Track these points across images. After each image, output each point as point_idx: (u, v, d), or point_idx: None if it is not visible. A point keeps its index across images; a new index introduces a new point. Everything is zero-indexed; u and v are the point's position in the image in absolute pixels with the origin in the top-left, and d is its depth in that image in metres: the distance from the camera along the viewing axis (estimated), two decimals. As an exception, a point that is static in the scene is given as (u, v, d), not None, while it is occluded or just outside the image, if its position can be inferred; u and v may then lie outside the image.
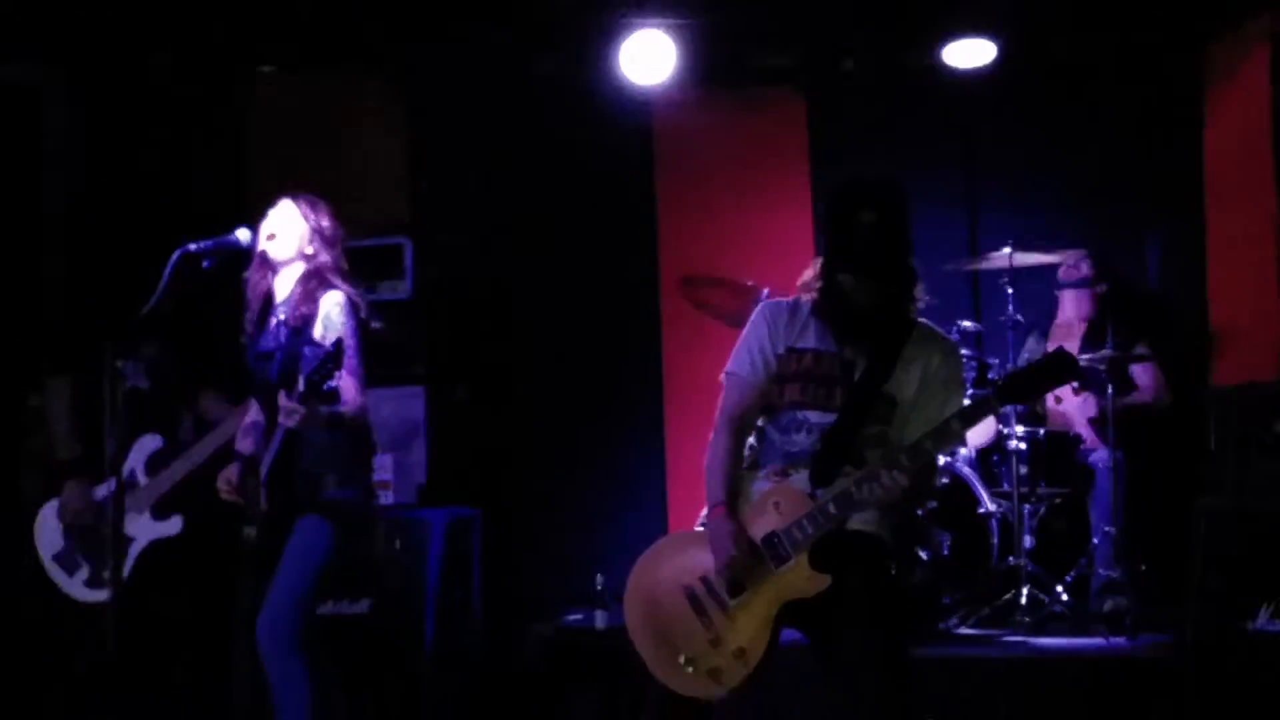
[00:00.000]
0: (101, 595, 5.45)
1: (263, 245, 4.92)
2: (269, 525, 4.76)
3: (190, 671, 5.88)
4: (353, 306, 4.86)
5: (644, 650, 4.00)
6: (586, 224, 7.87)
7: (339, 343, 4.55)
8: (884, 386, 4.02)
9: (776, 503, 3.95)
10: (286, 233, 4.92)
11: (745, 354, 4.15)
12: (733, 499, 4.02)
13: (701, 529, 4.09)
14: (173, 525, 5.38)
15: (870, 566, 3.99)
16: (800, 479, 3.97)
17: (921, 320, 4.16)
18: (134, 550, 5.46)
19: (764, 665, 3.87)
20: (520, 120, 7.80)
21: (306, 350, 4.71)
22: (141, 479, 5.47)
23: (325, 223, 4.97)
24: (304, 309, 4.83)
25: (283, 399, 4.51)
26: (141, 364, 5.74)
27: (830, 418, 4.00)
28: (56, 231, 7.16)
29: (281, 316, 4.88)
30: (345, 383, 4.72)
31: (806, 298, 4.19)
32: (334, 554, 4.75)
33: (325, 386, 4.47)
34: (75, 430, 5.72)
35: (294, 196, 5.00)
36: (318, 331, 4.77)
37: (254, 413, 4.98)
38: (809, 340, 4.10)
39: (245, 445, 4.95)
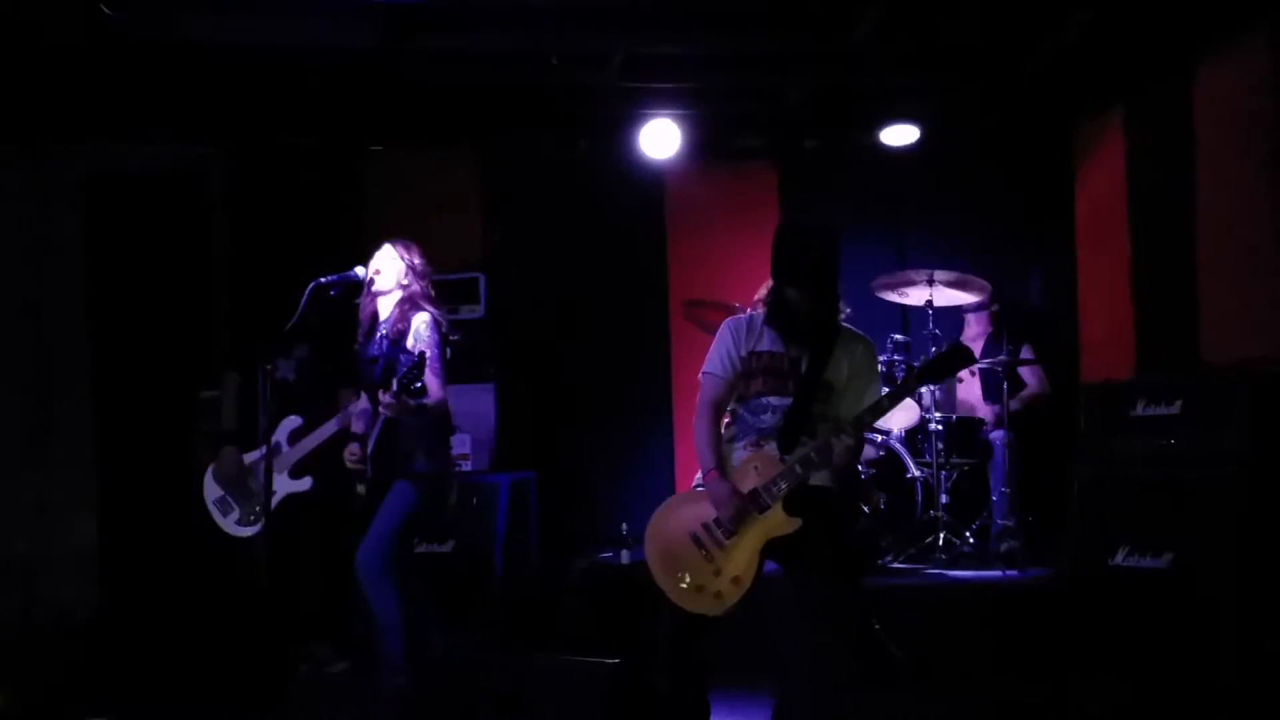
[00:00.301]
0: (249, 531, 5.47)
1: (371, 277, 4.92)
2: (373, 487, 4.79)
3: (316, 595, 5.85)
4: (436, 324, 4.86)
5: (662, 582, 4.04)
6: (614, 262, 7.86)
7: (422, 355, 4.58)
8: (824, 375, 4.07)
9: (756, 466, 4.01)
10: (388, 269, 4.93)
11: (717, 357, 4.21)
12: (721, 465, 4.05)
13: (700, 489, 4.12)
14: (304, 484, 5.35)
15: (828, 511, 4.04)
16: (771, 448, 4.03)
17: (845, 325, 4.27)
18: (275, 500, 5.44)
19: (753, 588, 3.94)
20: (566, 186, 7.80)
21: (402, 357, 4.72)
22: (284, 448, 5.46)
23: (417, 261, 4.98)
24: (400, 325, 4.84)
25: (382, 396, 4.56)
26: (291, 362, 5.75)
27: (787, 401, 4.06)
28: (224, 270, 7.18)
29: (383, 331, 4.89)
30: (430, 382, 4.71)
31: (760, 311, 4.25)
32: (418, 509, 4.76)
33: (412, 387, 4.49)
34: (237, 411, 5.72)
35: (393, 241, 5.00)
36: (410, 343, 4.78)
37: (363, 403, 4.98)
38: (764, 345, 4.15)
39: (358, 427, 4.96)
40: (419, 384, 4.53)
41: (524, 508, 6.55)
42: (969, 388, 7.14)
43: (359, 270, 4.90)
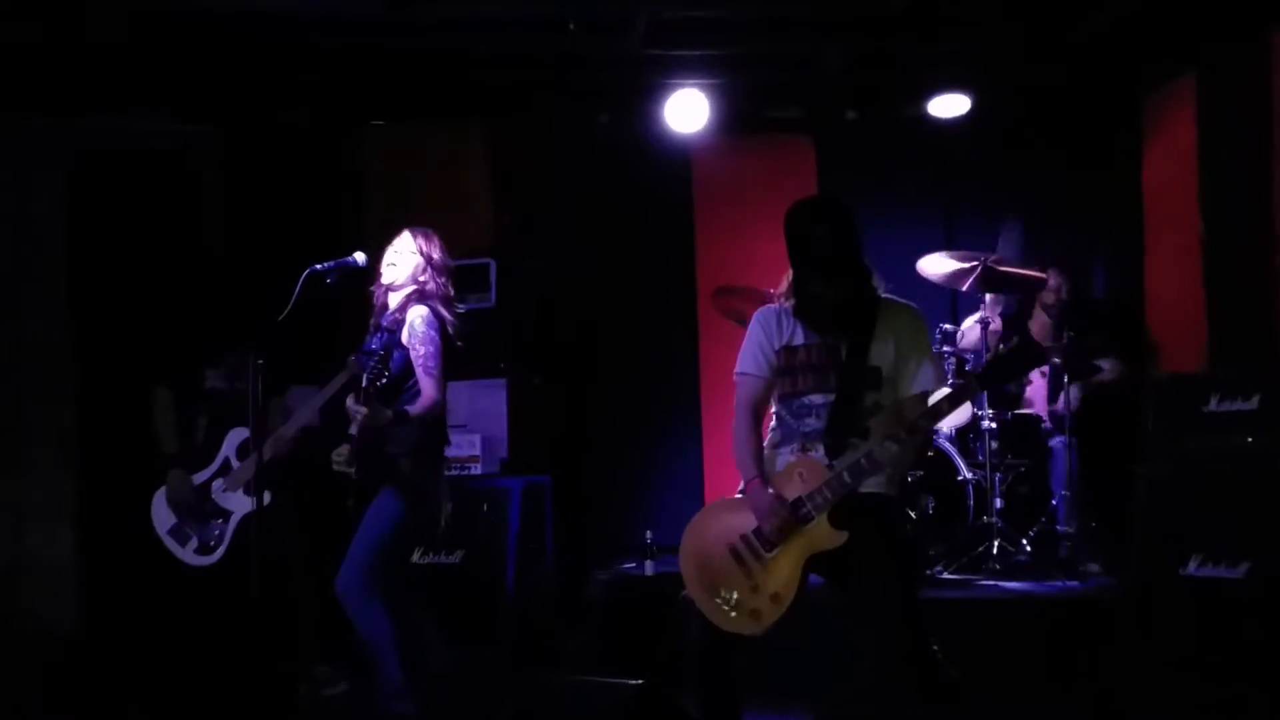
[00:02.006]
0: (211, 559, 5.44)
1: (384, 269, 4.88)
2: (359, 494, 4.75)
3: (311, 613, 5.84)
4: (436, 320, 4.79)
5: (697, 597, 4.01)
6: (638, 246, 7.87)
7: (388, 350, 4.53)
8: (868, 361, 4.00)
9: (800, 473, 3.97)
10: (404, 263, 4.88)
11: (750, 356, 4.16)
12: (763, 472, 4.02)
13: (740, 497, 4.09)
14: (264, 499, 5.29)
15: (882, 521, 3.97)
16: (818, 453, 3.99)
17: (884, 296, 4.16)
18: (233, 521, 5.43)
19: (794, 606, 3.90)
20: (584, 164, 7.79)
21: (397, 353, 4.69)
22: (234, 463, 5.45)
23: (436, 255, 4.92)
24: (397, 315, 4.81)
25: (349, 403, 4.51)
26: (221, 369, 5.72)
27: (831, 397, 4.00)
28: (213, 257, 7.19)
29: (385, 323, 4.87)
30: (423, 383, 4.68)
31: (787, 304, 4.17)
32: (404, 521, 4.71)
33: (379, 383, 4.44)
34: (175, 429, 5.69)
35: (413, 230, 4.95)
36: (404, 337, 4.75)
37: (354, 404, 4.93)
38: (799, 338, 4.10)
39: (353, 428, 4.92)
40: (384, 380, 4.48)
41: (539, 514, 6.54)
42: (1032, 376, 7.10)
43: (358, 256, 4.88)
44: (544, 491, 6.64)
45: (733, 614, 3.93)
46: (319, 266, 4.74)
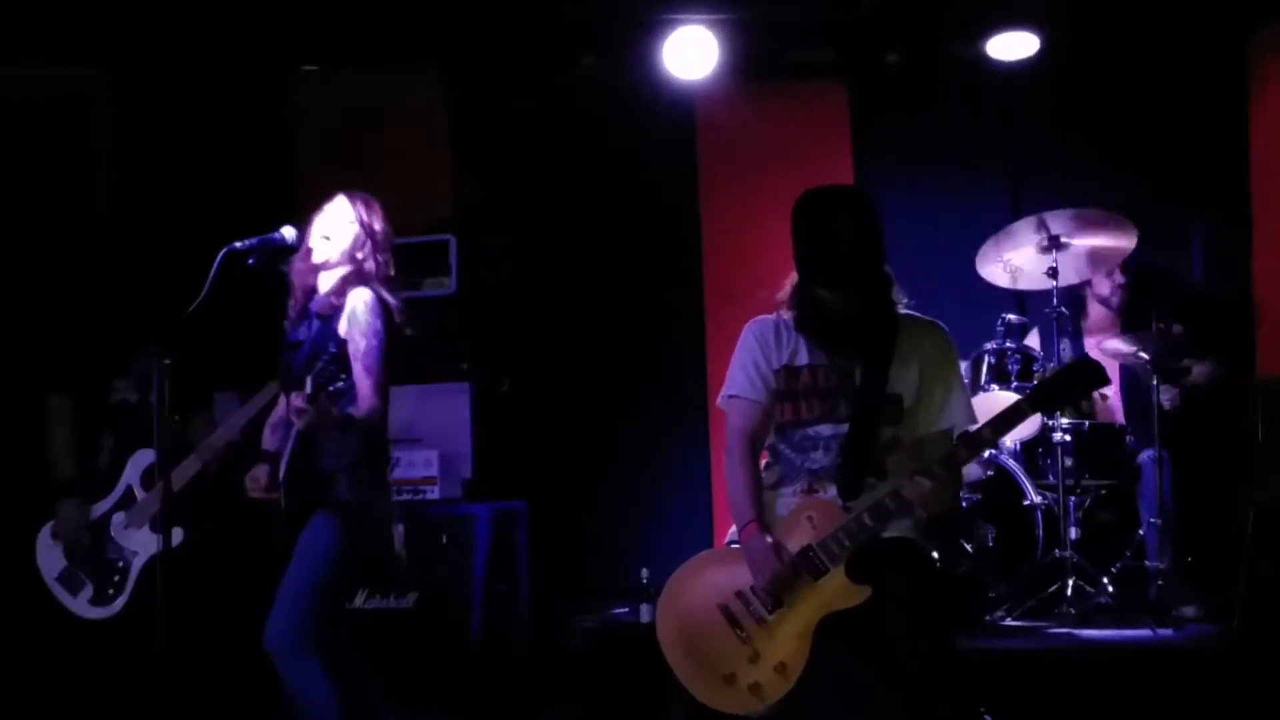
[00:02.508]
0: (107, 612, 5.44)
1: (315, 243, 4.90)
2: (287, 523, 4.73)
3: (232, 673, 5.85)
4: (381, 307, 4.79)
5: (680, 669, 4.00)
6: (630, 219, 7.90)
7: (342, 347, 4.54)
8: (886, 388, 4.02)
9: (810, 516, 3.97)
10: (339, 235, 4.88)
11: (742, 375, 4.18)
12: (761, 516, 4.03)
13: (734, 547, 4.11)
14: (174, 537, 5.28)
15: (912, 570, 3.98)
16: (830, 493, 4.00)
17: (904, 312, 4.17)
18: (136, 565, 5.44)
19: (804, 679, 3.87)
20: (563, 117, 7.80)
21: (331, 345, 4.70)
22: (139, 493, 5.45)
23: (378, 226, 4.91)
24: (333, 299, 4.79)
25: (294, 399, 4.49)
26: (132, 379, 5.72)
27: (842, 429, 4.01)
28: (109, 232, 7.18)
29: (315, 309, 4.86)
30: (361, 384, 4.68)
31: (787, 315, 4.17)
32: (344, 553, 4.68)
33: (331, 387, 4.44)
34: (73, 449, 5.68)
35: (351, 196, 4.96)
36: (342, 327, 4.74)
37: (281, 409, 4.93)
38: (801, 357, 4.12)
39: (271, 442, 4.92)
40: (340, 386, 4.50)
41: (511, 548, 6.55)
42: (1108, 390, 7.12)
43: (285, 231, 4.88)
44: (517, 520, 6.64)
45: (727, 690, 3.91)
46: (239, 245, 4.73)
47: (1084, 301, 7.24)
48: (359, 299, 4.77)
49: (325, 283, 4.88)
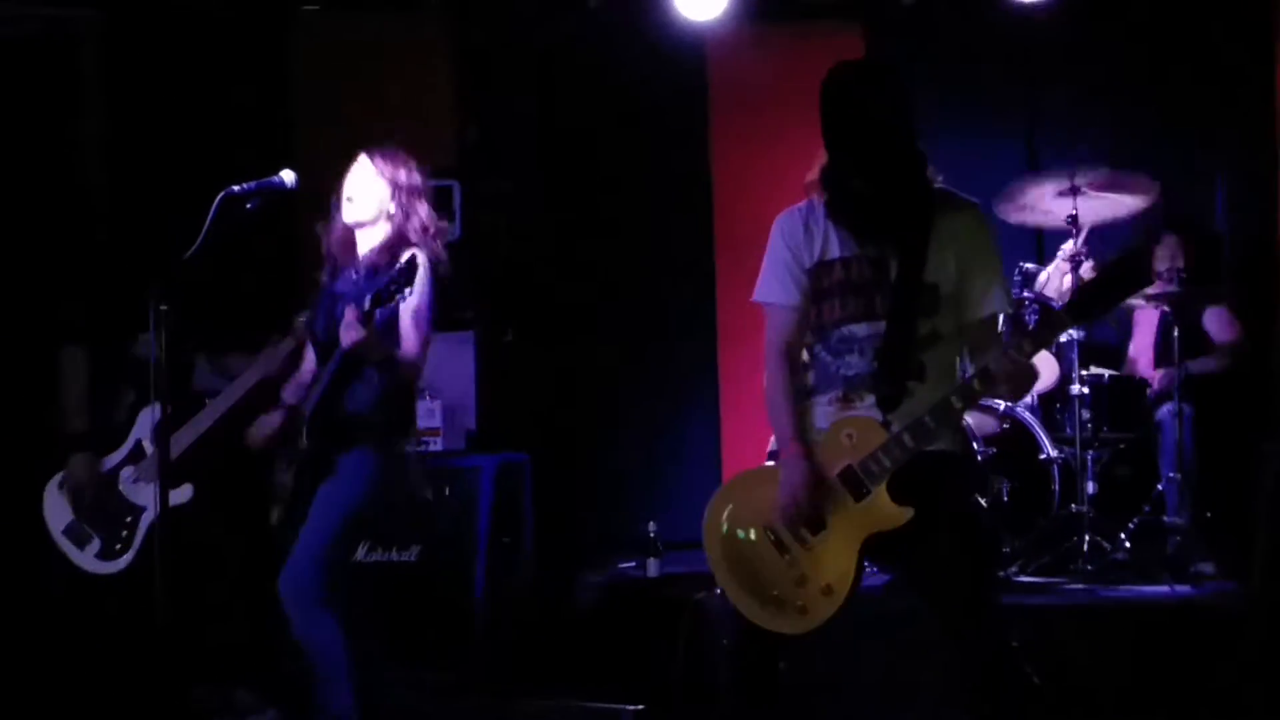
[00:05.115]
0: (114, 567, 5.45)
1: (343, 205, 4.89)
2: (307, 467, 4.75)
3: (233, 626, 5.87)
4: (432, 267, 4.81)
5: (729, 588, 4.01)
6: (639, 164, 7.88)
7: (412, 259, 4.53)
8: (924, 277, 3.91)
9: (850, 434, 3.90)
10: (365, 194, 4.87)
11: (774, 277, 4.07)
12: (801, 432, 3.97)
13: (773, 464, 4.07)
14: (183, 493, 5.27)
15: (955, 490, 3.97)
16: (867, 406, 3.91)
17: (937, 188, 4.08)
18: (145, 520, 5.45)
19: (850, 599, 3.87)
20: (568, 61, 7.78)
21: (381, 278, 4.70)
22: (148, 447, 5.46)
23: (404, 178, 4.90)
24: (383, 256, 4.78)
25: (348, 313, 4.49)
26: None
27: (879, 327, 3.91)
28: (98, 176, 7.16)
29: (361, 271, 4.85)
30: (409, 334, 4.69)
31: (819, 199, 4.08)
32: (370, 501, 4.72)
33: (390, 303, 4.46)
34: (86, 401, 5.69)
35: (370, 153, 4.94)
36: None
37: (307, 370, 4.94)
38: (833, 250, 4.00)
39: (290, 395, 4.91)
40: (401, 298, 4.49)
41: (515, 502, 6.57)
42: (1143, 333, 7.11)
43: (285, 175, 4.86)
44: (522, 473, 6.66)
45: (774, 611, 3.93)
46: (236, 189, 4.72)
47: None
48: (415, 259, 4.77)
49: (366, 241, 4.90)
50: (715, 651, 4.10)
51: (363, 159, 4.94)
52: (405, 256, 4.70)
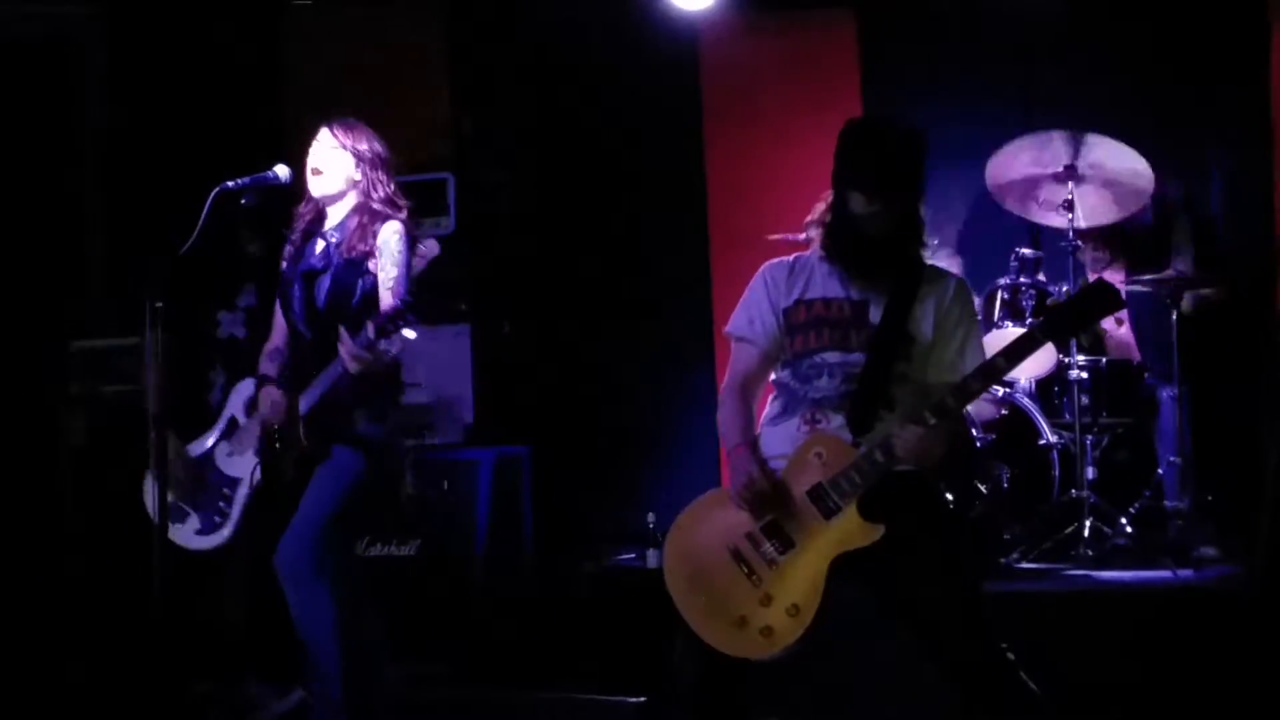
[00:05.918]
0: (215, 540, 5.47)
1: (310, 180, 4.91)
2: (307, 460, 4.79)
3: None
4: (408, 237, 4.85)
5: (690, 613, 3.96)
6: (633, 156, 7.87)
7: (407, 301, 4.56)
8: (905, 325, 4.01)
9: (819, 453, 3.93)
10: (331, 166, 4.90)
11: (743, 315, 4.18)
12: (751, 442, 4.04)
13: (723, 488, 4.10)
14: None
15: (925, 508, 3.99)
16: (836, 426, 3.95)
17: (930, 262, 4.19)
18: (240, 491, 5.46)
19: (818, 621, 3.84)
20: (562, 52, 7.77)
21: (361, 281, 4.72)
22: (242, 420, 5.48)
23: (365, 146, 4.92)
24: (360, 246, 4.81)
25: (350, 344, 4.52)
26: (239, 314, 5.77)
27: (852, 358, 3.99)
28: (95, 171, 7.17)
29: (334, 240, 4.87)
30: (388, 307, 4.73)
31: (814, 235, 4.20)
32: (360, 487, 4.77)
33: (394, 326, 4.50)
34: (163, 384, 5.71)
35: (329, 124, 4.96)
36: (386, 265, 4.77)
37: (279, 337, 4.99)
38: (816, 289, 4.10)
39: (269, 368, 4.96)
40: (400, 335, 4.54)
41: (514, 494, 6.58)
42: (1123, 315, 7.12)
43: (279, 170, 4.89)
44: (520, 465, 6.67)
45: (738, 634, 3.88)
46: (231, 184, 4.74)
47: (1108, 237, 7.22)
48: (390, 231, 4.81)
49: (335, 214, 4.92)
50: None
51: (323, 132, 4.96)
52: (384, 236, 4.78)
